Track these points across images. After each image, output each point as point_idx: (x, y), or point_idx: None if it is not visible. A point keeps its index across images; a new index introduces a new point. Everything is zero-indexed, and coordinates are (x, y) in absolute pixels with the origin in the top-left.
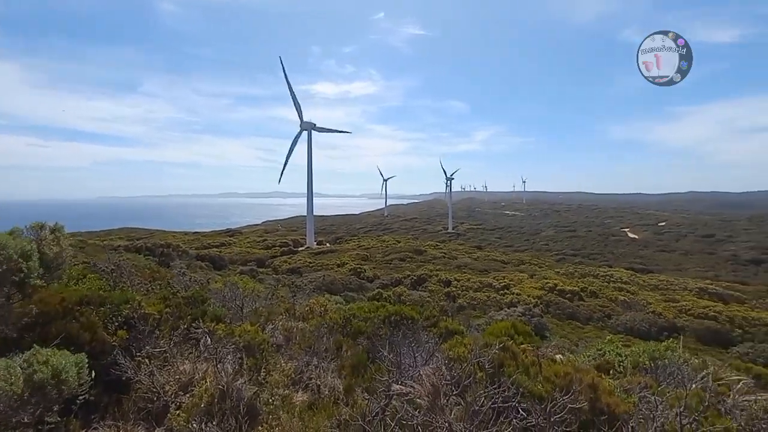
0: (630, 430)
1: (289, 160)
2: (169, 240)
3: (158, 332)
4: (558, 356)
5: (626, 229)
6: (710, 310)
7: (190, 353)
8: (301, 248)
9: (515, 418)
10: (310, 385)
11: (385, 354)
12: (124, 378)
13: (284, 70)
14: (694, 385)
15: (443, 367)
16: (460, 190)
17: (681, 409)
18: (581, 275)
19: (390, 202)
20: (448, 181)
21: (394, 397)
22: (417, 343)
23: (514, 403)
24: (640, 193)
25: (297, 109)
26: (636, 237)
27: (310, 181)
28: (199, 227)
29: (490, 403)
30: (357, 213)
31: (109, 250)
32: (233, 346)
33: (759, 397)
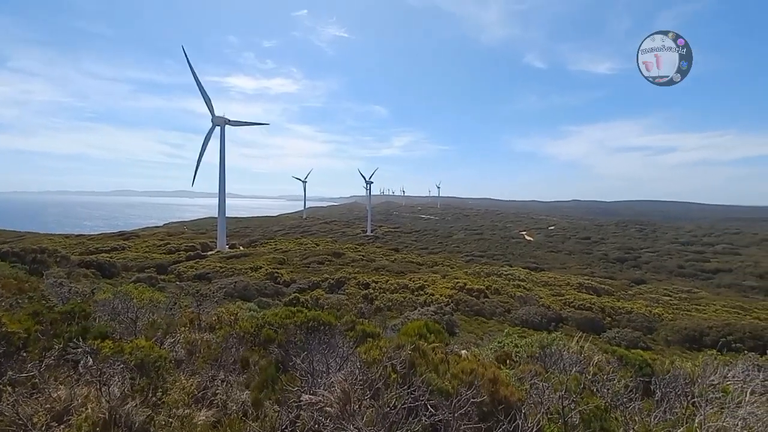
0: (522, 415)
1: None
2: (45, 244)
3: (25, 354)
4: (463, 351)
5: (524, 233)
6: (587, 302)
7: (68, 377)
8: (210, 252)
9: (424, 416)
10: (216, 401)
11: (298, 362)
12: None
13: (189, 61)
14: (573, 370)
15: (357, 372)
16: (379, 193)
17: (563, 393)
18: (486, 274)
19: (309, 204)
20: (368, 185)
21: (305, 407)
22: (331, 349)
23: (423, 401)
24: (535, 201)
25: (207, 103)
26: (531, 239)
27: (223, 180)
28: (87, 229)
29: (400, 403)
30: (274, 215)
31: None
32: (122, 365)
33: (620, 377)
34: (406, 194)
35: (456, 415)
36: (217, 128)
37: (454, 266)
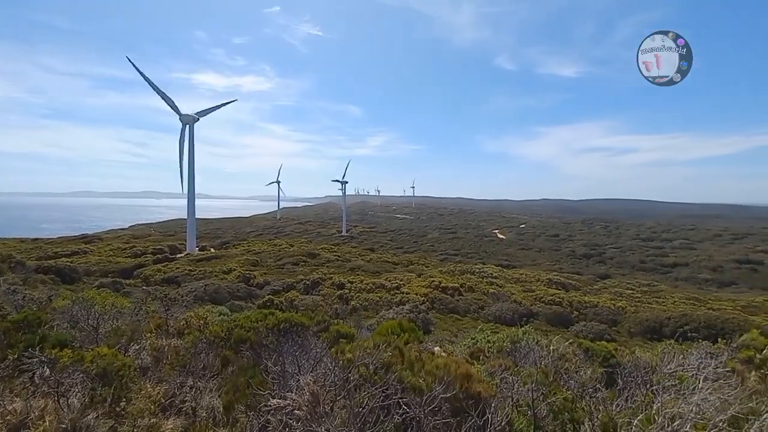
0: (492, 409)
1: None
2: None
3: None
4: (436, 348)
5: (496, 231)
6: (556, 297)
7: (24, 388)
8: (179, 255)
9: (397, 414)
10: (184, 408)
11: (270, 365)
12: None
13: (138, 70)
14: (542, 363)
15: (332, 373)
16: (354, 193)
17: (532, 385)
18: (461, 272)
19: (284, 204)
20: (343, 185)
21: (273, 411)
22: (304, 351)
23: (396, 399)
24: (507, 200)
25: (169, 104)
26: (503, 237)
27: (192, 180)
28: (45, 233)
29: (372, 402)
30: (247, 216)
31: None
32: (82, 375)
33: (587, 369)
34: (381, 194)
35: (427, 411)
36: (187, 127)
37: (429, 265)
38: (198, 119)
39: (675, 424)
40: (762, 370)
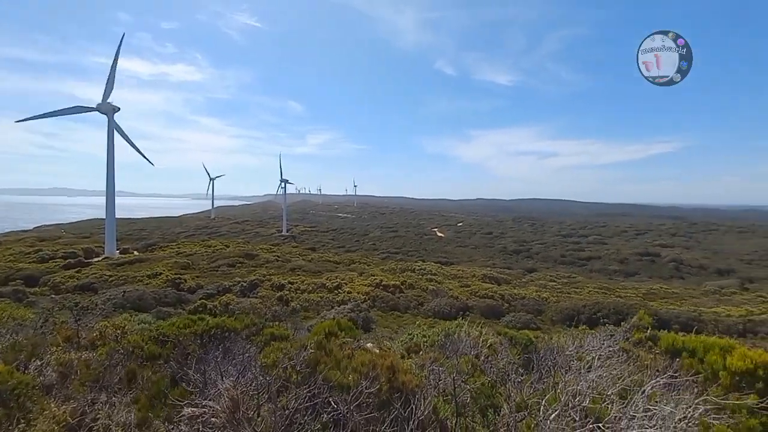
0: (417, 399)
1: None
2: None
3: None
4: (368, 345)
5: (435, 229)
6: (489, 290)
7: None
8: (96, 259)
9: (325, 413)
10: (96, 427)
11: (191, 374)
12: None
13: (119, 47)
14: (471, 353)
15: (255, 377)
16: (295, 192)
17: (455, 374)
18: (401, 270)
19: (219, 203)
20: (283, 183)
21: (187, 421)
22: (232, 356)
23: (323, 398)
24: (445, 199)
25: (107, 89)
26: (442, 235)
27: (112, 176)
28: None
29: (297, 404)
30: (176, 215)
31: None
32: None
33: (507, 356)
34: (322, 193)
35: (352, 407)
36: (103, 117)
37: (370, 264)
38: (118, 109)
39: (576, 400)
40: (646, 346)
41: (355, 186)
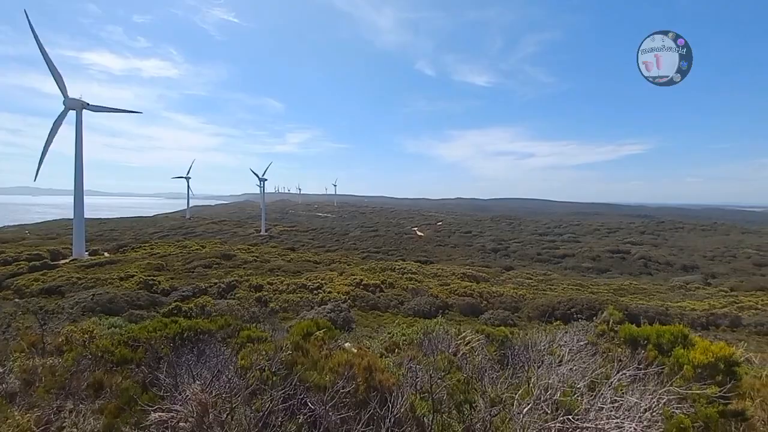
0: (393, 397)
1: (49, 149)
2: None
3: None
4: (346, 344)
5: (415, 228)
6: (468, 288)
7: None
8: (64, 261)
9: (302, 414)
10: None
11: (162, 378)
12: None
13: (32, 29)
14: (448, 351)
15: (229, 380)
16: (273, 191)
17: (432, 372)
18: (382, 270)
19: (195, 202)
20: (262, 182)
21: (153, 427)
22: (206, 359)
23: (299, 399)
24: (425, 198)
25: (57, 81)
26: (422, 235)
27: (80, 175)
28: None
29: (271, 405)
30: (150, 215)
31: None
32: None
33: (483, 352)
34: (302, 192)
35: (328, 407)
36: (72, 113)
37: (351, 263)
38: (88, 105)
39: (548, 393)
40: (614, 341)
41: (335, 185)
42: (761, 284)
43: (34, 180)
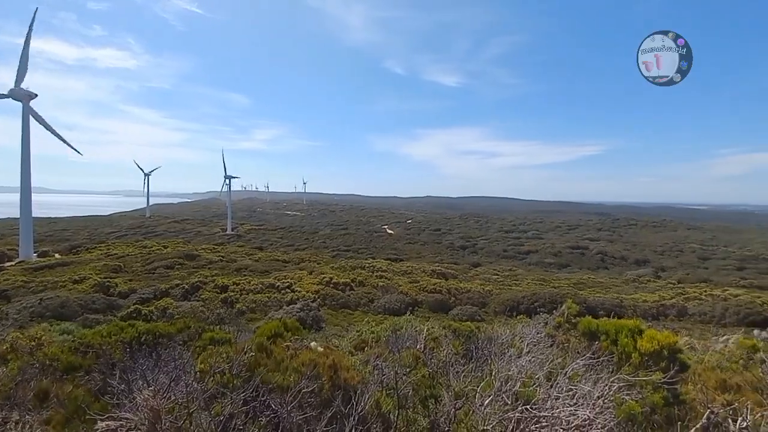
0: (358, 395)
1: None
2: None
3: None
4: (312, 344)
5: (385, 226)
6: (437, 285)
7: None
8: (9, 263)
9: (264, 416)
10: None
11: (115, 384)
12: None
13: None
14: (416, 347)
15: (187, 385)
16: (240, 189)
17: (398, 368)
18: (352, 268)
19: (156, 200)
20: (228, 180)
21: None
22: (162, 363)
23: (261, 401)
24: (395, 196)
25: (19, 69)
26: (392, 233)
27: (27, 170)
28: None
29: (231, 408)
30: (106, 214)
31: None
32: None
33: (447, 347)
34: (270, 190)
35: (290, 408)
36: (17, 104)
37: (320, 262)
38: (35, 95)
39: (508, 384)
40: (571, 332)
41: (304, 183)
42: (705, 276)
43: None
